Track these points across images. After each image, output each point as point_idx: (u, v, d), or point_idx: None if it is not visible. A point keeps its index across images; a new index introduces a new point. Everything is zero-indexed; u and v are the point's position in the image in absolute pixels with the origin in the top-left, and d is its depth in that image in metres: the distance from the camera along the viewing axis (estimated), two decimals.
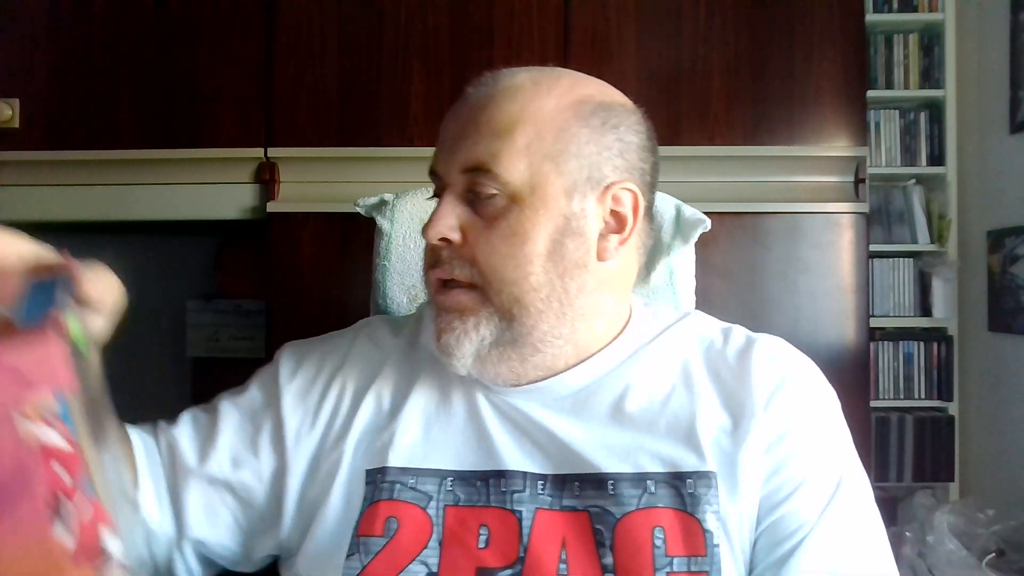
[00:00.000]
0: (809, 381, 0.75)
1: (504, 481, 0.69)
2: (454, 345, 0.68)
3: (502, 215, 0.68)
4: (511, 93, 0.70)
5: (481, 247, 0.68)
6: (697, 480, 0.66)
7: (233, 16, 1.64)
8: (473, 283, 0.68)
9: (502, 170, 0.67)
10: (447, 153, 0.71)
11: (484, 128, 0.68)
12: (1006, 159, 1.96)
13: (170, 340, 2.09)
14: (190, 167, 1.63)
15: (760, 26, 1.61)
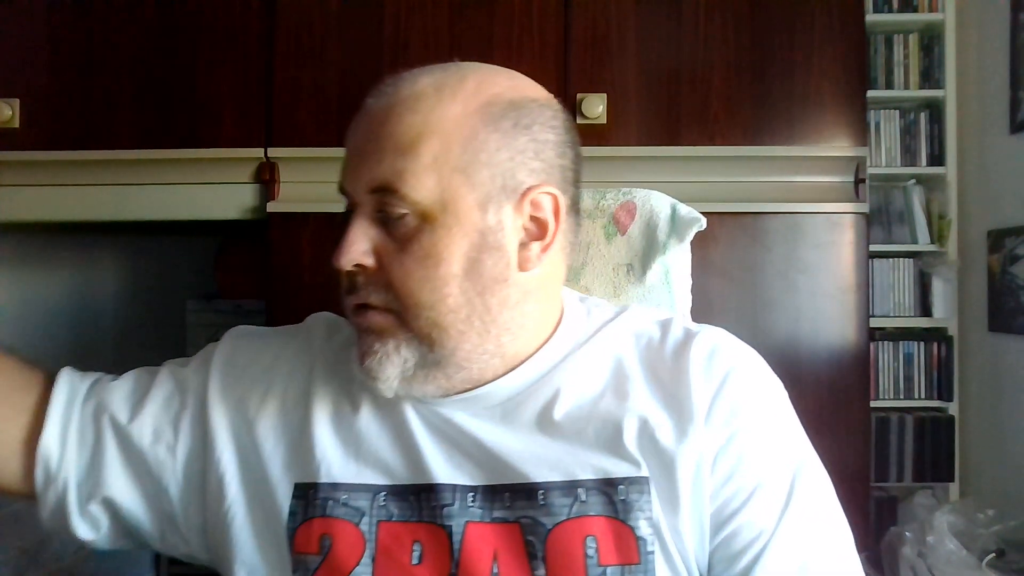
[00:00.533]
0: (752, 376, 0.72)
1: (434, 495, 0.67)
2: (377, 368, 0.66)
3: (414, 236, 0.64)
4: (412, 102, 0.66)
5: (395, 272, 0.65)
6: (629, 486, 0.65)
7: (233, 16, 1.64)
8: (390, 308, 0.66)
9: (409, 189, 0.64)
10: (352, 172, 0.67)
11: (387, 144, 0.64)
12: (1006, 159, 1.96)
13: (170, 340, 2.09)
14: (190, 167, 1.63)
15: (760, 26, 1.61)
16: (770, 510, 0.65)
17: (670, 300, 1.00)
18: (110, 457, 0.74)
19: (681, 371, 0.70)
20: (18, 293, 2.15)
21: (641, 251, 1.00)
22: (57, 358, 2.21)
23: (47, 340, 2.14)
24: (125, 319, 2.15)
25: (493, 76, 0.71)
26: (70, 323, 2.15)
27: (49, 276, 2.16)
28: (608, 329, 0.75)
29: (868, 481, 1.59)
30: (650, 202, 1.01)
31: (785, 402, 0.74)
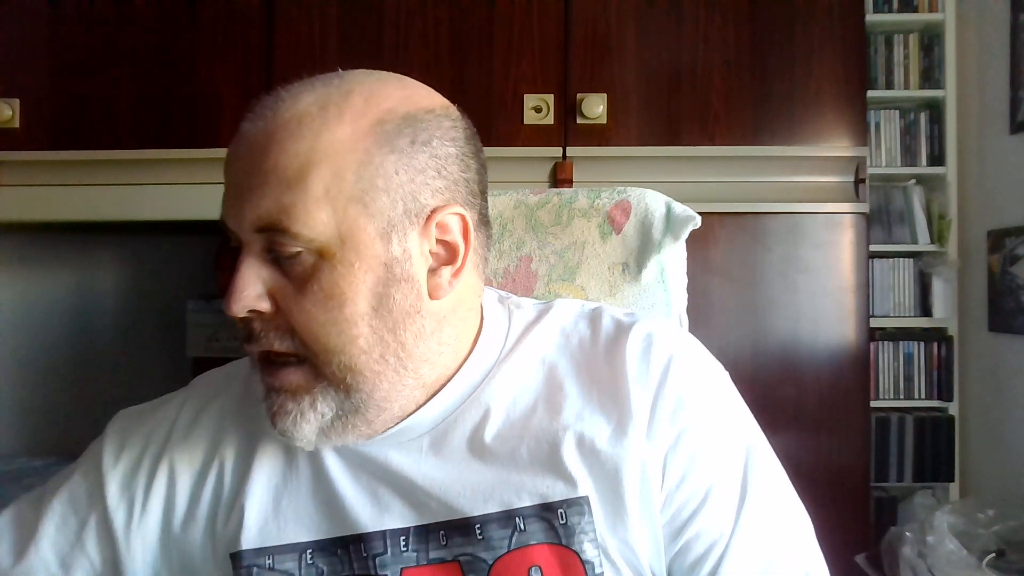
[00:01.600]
0: (693, 366, 0.67)
1: (364, 545, 0.62)
2: (292, 429, 0.60)
3: (312, 275, 0.58)
4: (295, 127, 0.59)
5: (296, 315, 0.58)
6: (568, 509, 0.61)
7: (233, 16, 1.64)
8: (297, 354, 0.59)
9: (300, 226, 0.57)
10: (233, 208, 0.60)
11: (270, 177, 0.58)
12: (1006, 159, 1.96)
13: (170, 340, 2.09)
14: (190, 167, 1.63)
15: (760, 26, 1.61)
16: (726, 510, 0.62)
17: (666, 298, 1.00)
18: None
19: (616, 369, 0.65)
20: (18, 293, 2.15)
21: (636, 250, 1.00)
22: (57, 358, 2.22)
23: (47, 340, 2.14)
24: (125, 319, 2.15)
25: (382, 87, 0.65)
26: (70, 323, 2.15)
27: (49, 276, 2.16)
28: (533, 333, 0.69)
29: (868, 481, 1.59)
30: (645, 201, 1.01)
31: (729, 388, 0.69)
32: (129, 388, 2.12)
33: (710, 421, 0.64)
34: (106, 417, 0.79)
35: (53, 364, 2.14)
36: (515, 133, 1.60)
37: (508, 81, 1.61)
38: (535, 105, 1.59)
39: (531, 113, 1.59)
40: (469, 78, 1.62)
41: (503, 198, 1.00)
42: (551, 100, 1.58)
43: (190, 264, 2.13)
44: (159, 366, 2.11)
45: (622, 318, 0.70)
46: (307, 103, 0.62)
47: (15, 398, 2.14)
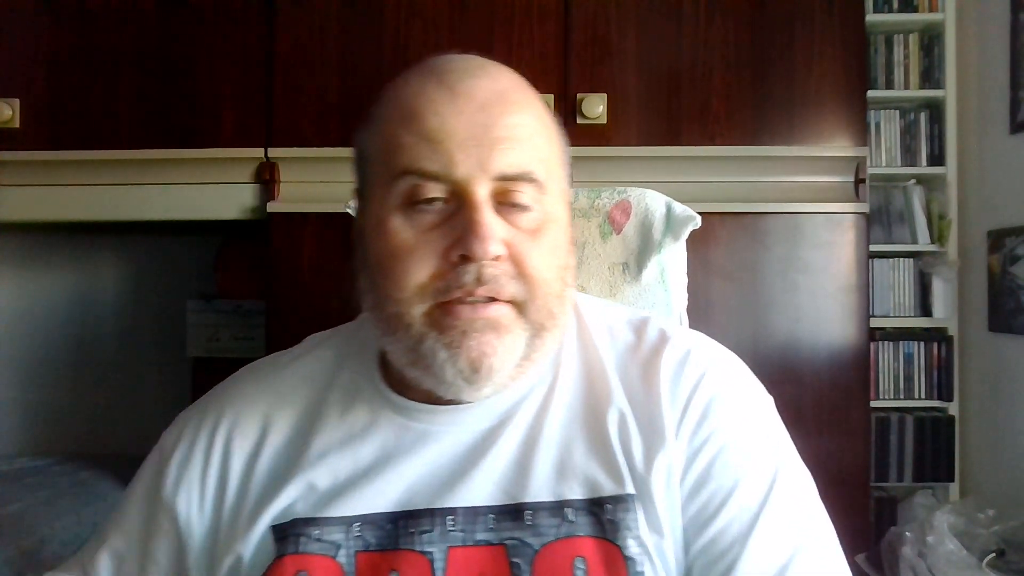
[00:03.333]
0: (726, 379, 0.69)
1: (411, 521, 0.64)
2: (496, 368, 0.61)
3: (542, 228, 0.63)
4: (520, 93, 0.66)
5: (533, 261, 0.62)
6: (616, 505, 0.63)
7: (233, 16, 1.64)
8: (515, 300, 0.62)
9: (545, 180, 0.63)
10: (467, 155, 0.61)
11: (518, 132, 0.63)
12: (1006, 159, 1.96)
13: (170, 340, 2.09)
14: (190, 167, 1.63)
15: (760, 26, 1.61)
16: (747, 514, 0.63)
17: (666, 298, 1.00)
18: None
19: (653, 376, 0.68)
20: (18, 293, 2.15)
21: (636, 250, 1.00)
22: (57, 358, 2.22)
23: (47, 340, 2.14)
24: (125, 319, 2.15)
25: None
26: (70, 323, 2.15)
27: (49, 276, 2.16)
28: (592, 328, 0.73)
29: (868, 481, 1.59)
30: (645, 201, 1.01)
31: (764, 404, 0.70)
32: (129, 388, 2.12)
33: (736, 432, 0.66)
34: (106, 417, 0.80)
35: (53, 364, 2.14)
36: None
37: None
38: None
39: None
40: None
41: None
42: (551, 100, 1.58)
43: (190, 264, 2.13)
44: (159, 366, 2.11)
45: (667, 330, 0.72)
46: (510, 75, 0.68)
47: (15, 398, 2.14)
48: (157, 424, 0.90)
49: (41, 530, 1.53)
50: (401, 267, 0.61)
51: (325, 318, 1.59)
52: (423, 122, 0.62)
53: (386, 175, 0.63)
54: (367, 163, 0.67)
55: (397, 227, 0.62)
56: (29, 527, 1.52)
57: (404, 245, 0.62)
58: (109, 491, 1.78)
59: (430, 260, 0.61)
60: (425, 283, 0.61)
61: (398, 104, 0.65)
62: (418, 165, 0.61)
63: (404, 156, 0.62)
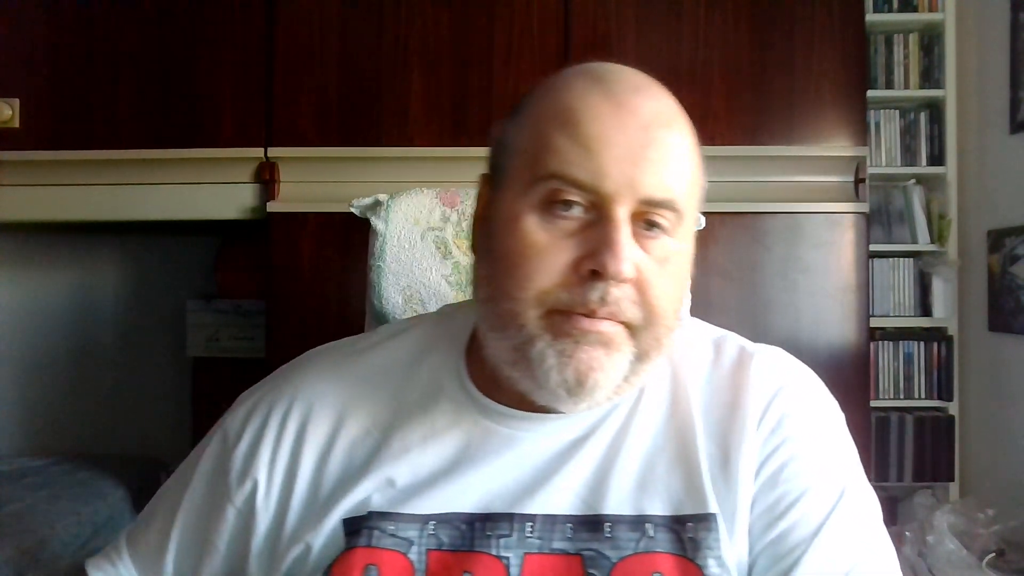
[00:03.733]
0: (805, 392, 0.70)
1: (490, 524, 0.63)
2: (602, 383, 0.60)
3: (672, 258, 0.62)
4: (682, 121, 0.65)
5: (657, 290, 0.60)
6: (697, 524, 0.62)
7: (233, 16, 1.64)
8: (632, 324, 0.61)
9: (686, 211, 0.62)
10: (621, 171, 0.59)
11: (672, 158, 0.61)
12: (1006, 159, 1.96)
13: (170, 340, 2.09)
14: (190, 167, 1.63)
15: (760, 26, 1.61)
16: (812, 520, 0.62)
17: None
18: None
19: (739, 391, 0.68)
20: (18, 293, 2.15)
21: None
22: (57, 358, 2.22)
23: (47, 340, 2.14)
24: (125, 319, 2.15)
25: None
26: (70, 323, 2.15)
27: (49, 276, 2.16)
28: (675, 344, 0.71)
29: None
30: None
31: (838, 424, 0.71)
32: (129, 388, 2.12)
33: (808, 444, 0.66)
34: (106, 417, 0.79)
35: (53, 364, 2.14)
36: None
37: (508, 81, 1.61)
38: None
39: None
40: (469, 79, 1.62)
41: None
42: None
43: (190, 264, 2.13)
44: (159, 366, 2.11)
45: (747, 346, 0.73)
46: (670, 96, 0.67)
47: (15, 398, 2.14)
48: (157, 424, 0.90)
49: (41, 530, 1.53)
50: (528, 267, 0.60)
51: (325, 317, 1.59)
52: (582, 128, 0.60)
53: (530, 172, 0.61)
54: (509, 154, 0.65)
55: (532, 227, 0.60)
56: (29, 527, 1.52)
57: (535, 246, 0.60)
58: (109, 491, 1.78)
59: (559, 268, 0.59)
60: (548, 289, 0.59)
61: (557, 105, 0.63)
62: (568, 170, 0.59)
63: (554, 159, 0.60)
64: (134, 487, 1.84)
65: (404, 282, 1.02)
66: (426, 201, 1.05)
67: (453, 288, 1.00)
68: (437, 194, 1.05)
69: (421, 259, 1.02)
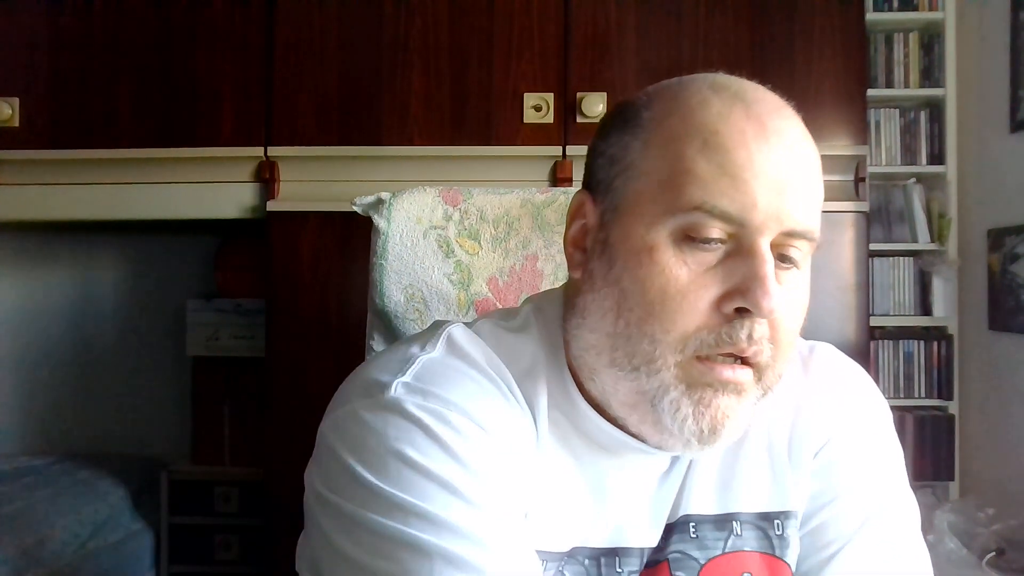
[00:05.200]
0: (858, 392, 0.69)
1: (618, 560, 0.61)
2: (731, 429, 0.56)
3: (796, 288, 0.58)
4: (809, 138, 0.62)
5: (787, 324, 0.57)
6: (785, 521, 0.62)
7: (233, 16, 1.64)
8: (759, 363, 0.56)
9: (816, 244, 0.58)
10: (769, 202, 0.54)
11: (813, 188, 0.58)
12: (1006, 158, 1.96)
13: (170, 340, 2.09)
14: (190, 166, 1.63)
15: (760, 25, 1.61)
16: (854, 517, 0.62)
17: None
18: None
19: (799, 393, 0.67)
20: (18, 293, 2.15)
21: None
22: (57, 358, 2.22)
23: (47, 340, 2.14)
24: (125, 319, 2.15)
25: None
26: (70, 323, 2.15)
27: (49, 276, 2.16)
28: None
29: None
30: None
31: (886, 426, 0.69)
32: (129, 388, 2.12)
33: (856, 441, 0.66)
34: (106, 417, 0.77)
35: (53, 364, 2.14)
36: (515, 132, 1.60)
37: (508, 80, 1.61)
38: (535, 104, 1.59)
39: (531, 112, 1.59)
40: (469, 78, 1.62)
41: (509, 196, 1.00)
42: (551, 99, 1.58)
43: (190, 264, 2.13)
44: (159, 366, 2.11)
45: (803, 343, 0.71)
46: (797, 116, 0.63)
47: (15, 398, 2.14)
48: (157, 424, 0.90)
49: (41, 530, 1.53)
50: (671, 307, 0.55)
51: (325, 316, 1.59)
52: (730, 155, 0.55)
53: (667, 200, 0.56)
54: (632, 174, 0.59)
55: (671, 262, 0.55)
56: (29, 527, 1.52)
57: (678, 285, 0.54)
58: (109, 491, 1.78)
59: (703, 308, 0.54)
60: (691, 332, 0.54)
61: (695, 123, 0.58)
62: (716, 202, 0.54)
63: (700, 188, 0.54)
64: (134, 487, 1.84)
65: (406, 281, 1.02)
66: (428, 199, 1.05)
67: (455, 287, 1.00)
68: (439, 192, 1.05)
69: (423, 258, 1.02)
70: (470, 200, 1.03)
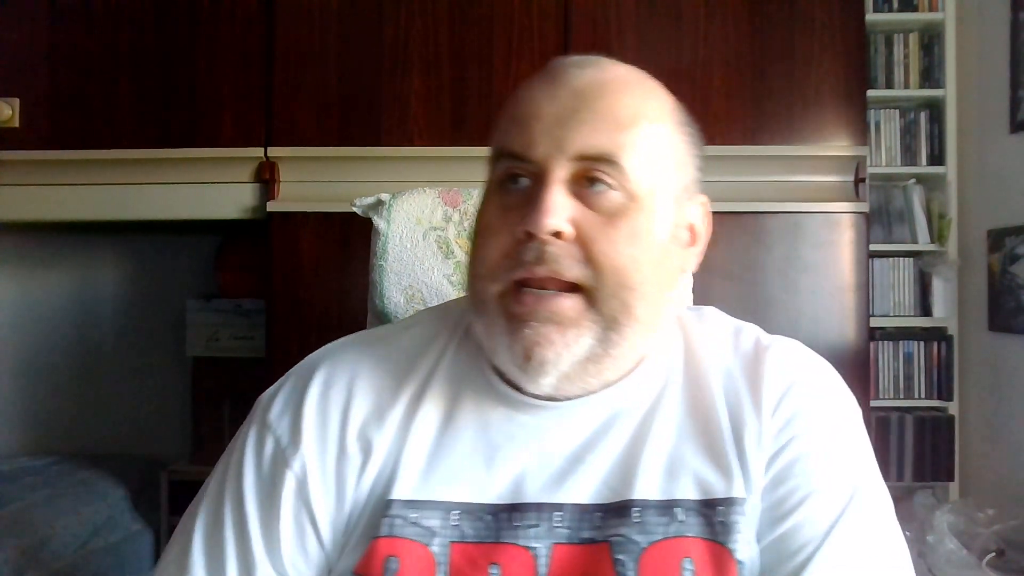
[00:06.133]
0: (820, 387, 0.68)
1: (517, 515, 0.62)
2: (552, 361, 0.60)
3: (622, 213, 0.61)
4: (625, 84, 0.65)
5: (602, 245, 0.60)
6: (728, 507, 0.62)
7: (233, 16, 1.64)
8: (581, 285, 0.60)
9: (629, 164, 0.61)
10: (549, 136, 0.61)
11: (606, 115, 0.62)
12: (1006, 159, 1.96)
13: (170, 340, 2.09)
14: (190, 167, 1.63)
15: (760, 26, 1.61)
16: (823, 519, 0.61)
17: None
18: None
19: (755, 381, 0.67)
20: (18, 293, 2.15)
21: None
22: (57, 358, 2.22)
23: (47, 340, 2.14)
24: (125, 319, 2.15)
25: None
26: (70, 323, 2.15)
27: (49, 276, 2.16)
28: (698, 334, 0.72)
29: None
30: None
31: (854, 419, 0.69)
32: (129, 387, 2.12)
33: (821, 439, 0.65)
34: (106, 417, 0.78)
35: (53, 364, 2.14)
36: None
37: (508, 80, 1.61)
38: None
39: None
40: (469, 78, 1.62)
41: None
42: None
43: (190, 264, 2.13)
44: (159, 366, 2.11)
45: (763, 337, 0.72)
46: (630, 71, 0.68)
47: (15, 398, 2.14)
48: (157, 424, 0.90)
49: (41, 530, 1.53)
50: (482, 244, 0.63)
51: (325, 317, 1.59)
52: (519, 106, 0.64)
53: (491, 159, 0.66)
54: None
55: (488, 206, 0.64)
56: (29, 527, 1.52)
57: (488, 223, 0.63)
58: (109, 491, 1.78)
59: (504, 238, 0.61)
60: (498, 260, 0.61)
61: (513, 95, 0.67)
62: (508, 146, 0.63)
63: (499, 138, 0.64)
64: (134, 487, 1.84)
65: (406, 282, 1.02)
66: (428, 201, 1.05)
67: (455, 288, 1.00)
68: (439, 194, 1.05)
69: (423, 259, 1.02)
70: (470, 201, 1.03)
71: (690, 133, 0.69)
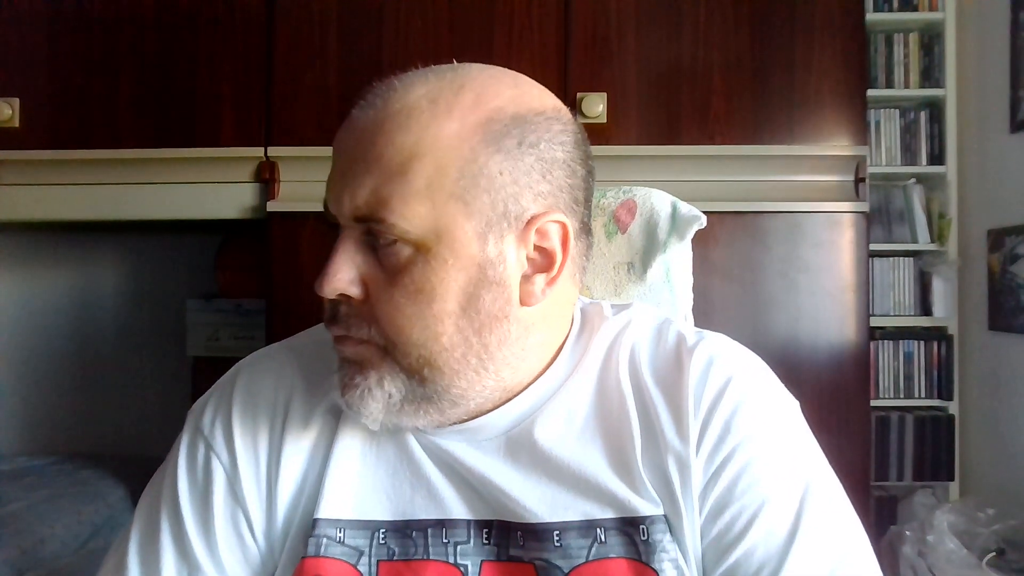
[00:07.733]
0: (751, 389, 0.64)
1: (445, 531, 0.61)
2: (358, 403, 0.59)
3: (405, 268, 0.57)
4: (403, 118, 0.57)
5: (383, 306, 0.58)
6: (651, 526, 0.59)
7: (233, 16, 1.64)
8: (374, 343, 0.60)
9: (397, 218, 0.56)
10: (335, 194, 0.60)
11: (374, 167, 0.57)
12: (1006, 158, 1.96)
13: (170, 340, 2.09)
14: (190, 167, 1.63)
15: (760, 25, 1.61)
16: (776, 537, 0.59)
17: (671, 298, 1.00)
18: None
19: (673, 393, 0.63)
20: (18, 293, 2.15)
21: (642, 249, 1.00)
22: (57, 358, 2.22)
23: (47, 340, 2.14)
24: (125, 319, 2.15)
25: (495, 86, 0.61)
26: (70, 323, 2.15)
27: (49, 276, 2.16)
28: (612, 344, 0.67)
29: (868, 480, 1.59)
30: (650, 200, 1.01)
31: (791, 414, 0.66)
32: (129, 388, 2.12)
33: (761, 448, 0.62)
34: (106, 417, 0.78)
35: (53, 364, 2.14)
36: None
37: None
38: None
39: None
40: None
41: None
42: None
43: (190, 264, 2.13)
44: (159, 366, 2.11)
45: (686, 336, 0.67)
46: (418, 95, 0.59)
47: (15, 398, 2.14)
48: (157, 424, 0.90)
49: (41, 530, 1.53)
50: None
51: None
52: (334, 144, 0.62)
53: None
54: None
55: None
56: (29, 527, 1.52)
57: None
58: (109, 491, 1.78)
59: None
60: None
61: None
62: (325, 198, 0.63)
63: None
64: (134, 487, 1.84)
65: None
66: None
67: None
68: None
69: None
70: None
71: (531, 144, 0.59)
